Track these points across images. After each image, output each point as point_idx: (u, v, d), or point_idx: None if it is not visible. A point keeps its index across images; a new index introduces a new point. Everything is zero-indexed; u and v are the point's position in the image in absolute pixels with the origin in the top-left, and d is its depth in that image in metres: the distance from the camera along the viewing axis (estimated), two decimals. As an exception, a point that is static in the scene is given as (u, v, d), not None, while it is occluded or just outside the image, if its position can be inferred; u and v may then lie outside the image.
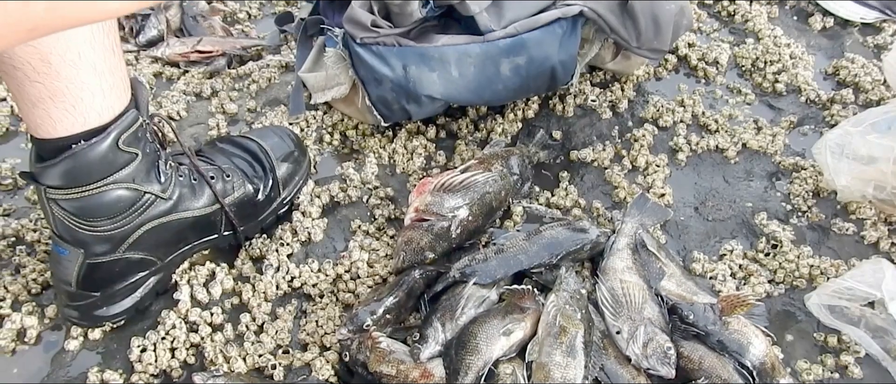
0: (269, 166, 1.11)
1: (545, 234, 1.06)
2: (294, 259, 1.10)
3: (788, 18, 1.57)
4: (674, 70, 1.44)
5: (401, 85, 1.15)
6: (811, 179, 1.22)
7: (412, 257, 1.04)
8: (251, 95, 1.36)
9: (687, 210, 1.19)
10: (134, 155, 0.91)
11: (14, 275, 1.08)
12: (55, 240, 0.94)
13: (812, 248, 1.13)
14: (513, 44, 1.14)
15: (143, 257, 0.99)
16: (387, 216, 1.16)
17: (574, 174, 1.24)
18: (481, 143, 1.28)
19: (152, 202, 0.95)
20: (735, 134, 1.30)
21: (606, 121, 1.32)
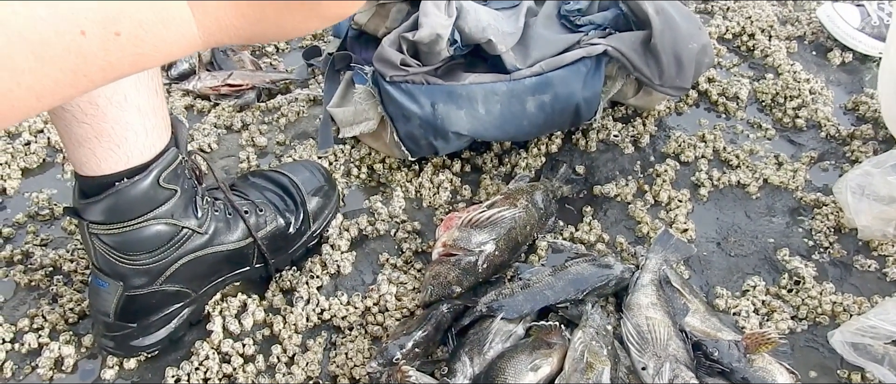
0: (300, 200, 1.14)
1: (571, 270, 1.08)
2: (323, 291, 1.12)
3: (807, 53, 1.59)
4: (694, 105, 1.46)
5: (429, 122, 1.17)
6: (832, 215, 1.23)
7: (440, 291, 1.06)
8: (280, 129, 1.40)
9: (709, 245, 1.21)
10: (173, 191, 0.94)
11: (51, 304, 1.11)
12: (95, 273, 0.97)
13: (834, 285, 1.14)
14: (538, 82, 1.17)
15: (178, 289, 1.01)
16: (414, 249, 1.18)
17: (597, 209, 1.26)
18: (506, 177, 1.30)
19: (189, 236, 0.98)
20: (756, 169, 1.31)
21: (629, 155, 1.34)
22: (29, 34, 0.33)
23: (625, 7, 1.24)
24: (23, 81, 0.34)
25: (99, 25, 0.35)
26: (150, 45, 0.38)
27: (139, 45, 0.37)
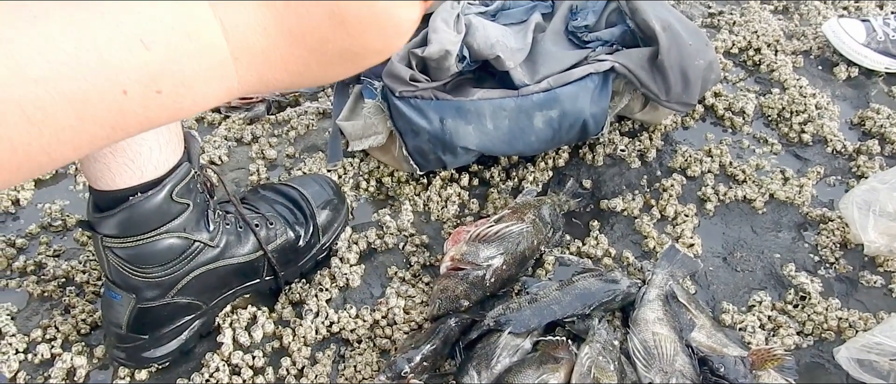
0: (310, 213, 1.15)
1: (578, 285, 1.09)
2: (332, 304, 1.14)
3: (813, 68, 1.59)
4: (701, 119, 1.47)
5: (437, 136, 1.19)
6: (838, 231, 1.24)
7: (448, 305, 1.07)
8: (290, 141, 1.41)
9: (716, 260, 1.21)
10: (186, 205, 0.96)
11: (64, 315, 1.12)
12: (108, 285, 0.99)
13: (840, 301, 1.15)
14: (546, 98, 1.18)
15: (190, 302, 1.03)
16: (422, 263, 1.19)
17: (604, 223, 1.27)
18: (513, 190, 1.31)
19: (201, 249, 1.00)
20: (762, 184, 1.32)
21: (635, 170, 1.35)
22: (73, 94, 0.34)
23: (632, 23, 1.25)
24: (63, 137, 0.35)
25: (141, 85, 0.36)
26: (190, 100, 0.39)
27: (179, 101, 0.38)
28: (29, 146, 0.35)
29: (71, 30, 0.34)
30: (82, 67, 0.34)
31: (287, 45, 0.40)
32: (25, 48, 0.33)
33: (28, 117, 0.34)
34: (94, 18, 0.35)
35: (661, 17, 1.23)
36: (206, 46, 0.38)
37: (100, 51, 0.35)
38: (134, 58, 0.36)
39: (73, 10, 0.34)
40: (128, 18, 0.36)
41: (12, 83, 0.33)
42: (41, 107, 0.34)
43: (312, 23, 0.40)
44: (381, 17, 0.41)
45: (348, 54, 0.42)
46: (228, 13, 0.39)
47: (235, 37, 0.39)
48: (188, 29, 0.38)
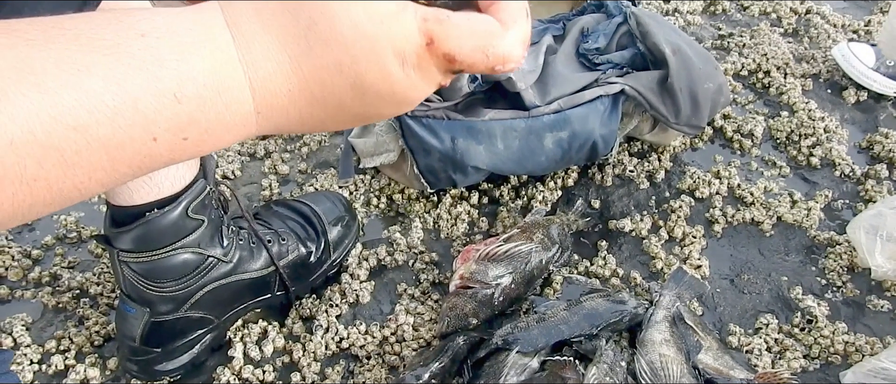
0: (321, 229, 1.17)
1: (586, 305, 1.10)
2: (342, 320, 1.15)
3: (823, 91, 1.60)
4: (709, 141, 1.48)
5: (448, 156, 1.20)
6: (846, 255, 1.25)
7: (456, 323, 1.09)
8: (302, 157, 1.43)
9: (723, 282, 1.22)
10: (201, 221, 0.97)
11: (78, 326, 1.13)
12: (123, 298, 1.00)
13: (847, 324, 1.15)
14: (557, 119, 1.20)
15: (202, 316, 1.04)
16: (431, 280, 1.21)
17: (612, 243, 1.28)
18: (522, 209, 1.33)
19: (215, 265, 1.01)
20: (770, 207, 1.33)
21: (644, 191, 1.36)
22: (108, 141, 0.37)
23: (642, 47, 1.26)
24: (94, 176, 0.38)
25: (170, 133, 0.39)
26: (210, 144, 0.41)
27: (200, 145, 0.41)
28: (63, 184, 0.37)
29: (112, 85, 0.36)
30: (119, 118, 0.37)
31: (307, 106, 0.43)
32: (69, 99, 0.35)
33: (65, 160, 0.36)
34: (133, 74, 0.37)
35: (671, 41, 1.24)
36: (234, 103, 0.41)
37: (136, 103, 0.37)
38: (166, 110, 0.38)
39: (114, 65, 0.37)
40: (165, 74, 0.38)
41: (54, 130, 0.35)
42: (78, 151, 0.36)
43: (335, 91, 0.43)
44: (398, 95, 0.44)
45: (361, 117, 0.46)
46: (258, 74, 0.41)
47: (261, 95, 0.42)
48: (219, 86, 0.40)
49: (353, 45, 0.41)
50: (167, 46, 0.39)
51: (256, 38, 0.41)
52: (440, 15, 0.43)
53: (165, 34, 0.39)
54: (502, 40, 0.44)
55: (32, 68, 0.35)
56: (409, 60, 0.43)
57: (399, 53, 0.42)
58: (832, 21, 1.77)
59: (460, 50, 0.43)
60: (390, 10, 0.41)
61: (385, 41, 0.41)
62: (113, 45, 0.37)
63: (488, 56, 0.44)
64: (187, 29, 0.40)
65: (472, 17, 0.44)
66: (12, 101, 0.34)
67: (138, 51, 0.38)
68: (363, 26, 0.41)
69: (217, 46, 0.40)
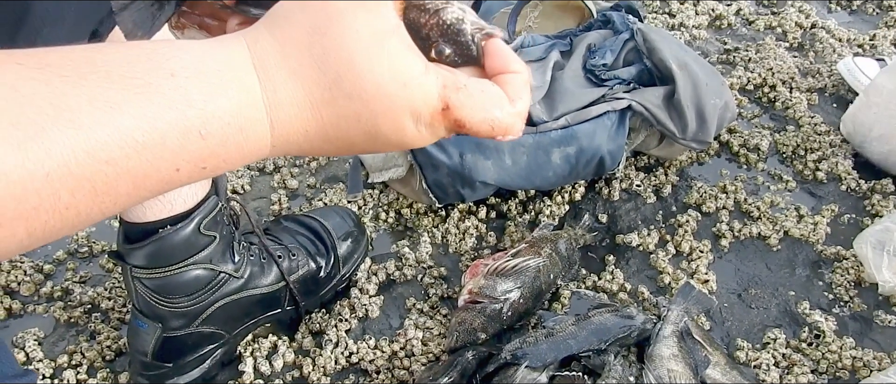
0: (331, 244, 1.18)
1: (594, 320, 1.10)
2: (352, 335, 1.16)
3: (828, 106, 1.61)
4: (716, 155, 1.49)
5: (457, 171, 1.21)
6: (853, 269, 1.25)
7: (465, 338, 1.09)
8: (311, 172, 1.44)
9: (730, 297, 1.23)
10: (213, 238, 0.98)
11: (90, 341, 1.14)
12: (135, 314, 1.01)
13: (855, 339, 1.15)
14: (564, 135, 1.21)
15: (213, 331, 1.05)
16: (440, 295, 1.21)
17: (620, 258, 1.29)
18: (530, 223, 1.33)
19: (226, 280, 1.02)
20: (777, 221, 1.34)
21: (651, 205, 1.37)
22: (135, 172, 0.39)
23: (649, 62, 1.27)
24: (118, 202, 0.40)
25: (191, 164, 0.41)
26: (225, 169, 0.44)
27: (216, 171, 0.44)
28: (91, 210, 0.39)
29: (142, 122, 0.38)
30: (147, 152, 0.39)
31: (320, 143, 0.46)
32: (102, 135, 0.37)
33: (96, 190, 0.38)
34: (162, 113, 0.39)
35: (678, 57, 1.25)
36: (253, 137, 0.43)
37: (163, 139, 0.39)
38: (191, 145, 0.40)
39: (145, 104, 0.38)
40: (192, 113, 0.40)
41: (87, 164, 0.37)
42: (107, 182, 0.38)
43: (349, 135, 0.45)
44: (405, 144, 0.47)
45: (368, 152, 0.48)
46: (279, 116, 0.44)
47: (279, 132, 0.44)
48: (242, 124, 0.42)
49: (374, 101, 0.44)
50: (195, 86, 0.40)
51: (282, 84, 0.43)
52: (459, 82, 0.45)
53: (194, 74, 0.40)
54: (507, 114, 0.47)
55: (68, 105, 0.36)
56: (423, 120, 0.46)
57: (415, 114, 0.45)
58: (837, 35, 1.78)
59: (471, 119, 0.46)
60: (414, 75, 0.44)
61: (405, 102, 0.44)
62: (144, 84, 0.39)
63: (493, 128, 0.47)
64: (216, 70, 0.41)
65: (486, 88, 0.47)
66: (50, 136, 0.36)
67: (168, 90, 0.39)
68: (387, 87, 0.43)
69: (243, 87, 0.42)
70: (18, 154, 0.35)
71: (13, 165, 0.35)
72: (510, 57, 0.48)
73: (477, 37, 0.47)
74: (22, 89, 0.36)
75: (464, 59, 0.48)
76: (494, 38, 0.48)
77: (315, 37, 0.43)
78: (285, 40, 0.43)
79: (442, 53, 0.47)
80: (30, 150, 0.35)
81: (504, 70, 0.48)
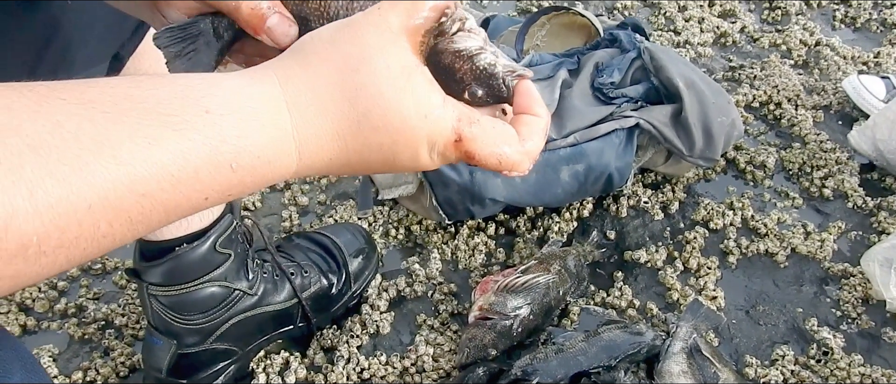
0: (343, 261, 1.19)
1: (604, 336, 1.11)
2: (363, 351, 1.17)
3: (834, 123, 1.62)
4: (722, 172, 1.50)
5: (466, 188, 1.22)
6: (860, 287, 1.26)
7: (476, 354, 1.10)
8: (321, 189, 1.45)
9: (738, 313, 1.23)
10: (227, 255, 1.00)
11: (104, 357, 1.16)
12: (150, 330, 1.02)
13: (863, 356, 1.16)
14: (573, 152, 1.22)
15: (227, 347, 1.06)
16: (450, 311, 1.22)
17: (628, 274, 1.30)
18: (538, 240, 1.35)
19: (240, 298, 1.03)
20: (784, 238, 1.34)
21: (658, 222, 1.38)
22: (168, 203, 0.41)
23: (656, 81, 1.29)
24: (149, 228, 0.42)
25: (219, 193, 0.44)
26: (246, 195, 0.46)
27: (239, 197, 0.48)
28: (124, 237, 0.41)
29: (178, 158, 0.41)
30: (180, 185, 0.41)
31: (340, 167, 0.49)
32: (140, 170, 0.39)
33: (131, 220, 0.40)
34: (197, 149, 0.41)
35: (685, 75, 1.27)
36: (279, 169, 0.46)
37: (197, 173, 0.41)
38: (222, 177, 0.43)
39: (181, 140, 0.41)
40: (225, 149, 0.42)
41: (125, 197, 0.39)
42: (142, 213, 0.40)
43: (368, 162, 0.48)
44: (418, 169, 0.51)
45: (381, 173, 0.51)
46: (307, 148, 0.46)
47: (305, 161, 0.47)
48: (271, 157, 0.45)
49: (397, 133, 0.47)
50: (229, 123, 0.43)
51: (312, 119, 0.46)
52: (473, 117, 0.49)
53: (228, 111, 0.43)
54: (515, 152, 0.50)
55: (110, 141, 0.39)
56: (437, 148, 0.49)
57: (431, 143, 0.48)
58: (842, 53, 1.79)
59: (480, 152, 0.49)
60: (434, 106, 0.47)
61: (423, 133, 0.47)
62: (180, 121, 0.41)
63: (501, 162, 0.50)
64: (249, 107, 0.44)
65: (498, 125, 0.50)
66: (93, 171, 0.38)
67: (203, 127, 0.42)
68: (410, 120, 0.46)
69: (275, 124, 0.45)
70: (64, 188, 0.37)
71: (59, 199, 0.37)
72: (535, 100, 0.51)
73: (508, 79, 0.50)
74: (67, 125, 0.38)
75: (495, 99, 0.51)
76: (525, 80, 0.51)
77: (346, 73, 0.45)
78: (317, 77, 0.45)
79: (475, 95, 0.50)
80: (75, 184, 0.37)
81: (527, 111, 0.51)
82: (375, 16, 0.46)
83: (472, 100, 0.50)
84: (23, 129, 0.37)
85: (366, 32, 0.46)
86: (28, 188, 0.36)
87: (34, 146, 0.36)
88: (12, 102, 0.37)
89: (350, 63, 0.45)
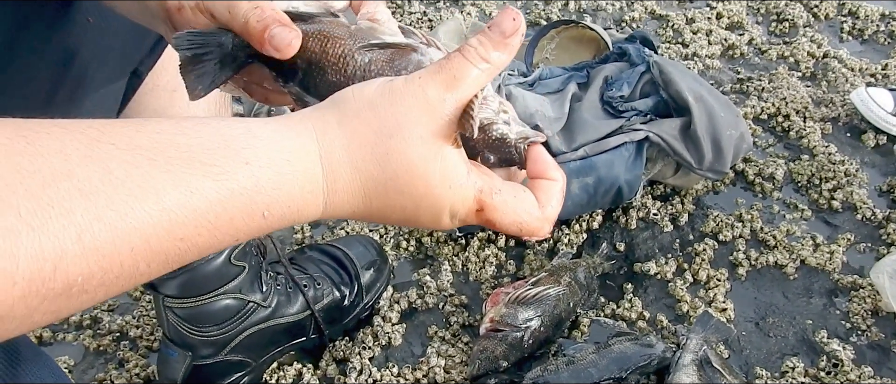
0: (355, 273, 1.20)
1: (614, 348, 1.12)
2: (375, 362, 1.18)
3: (842, 135, 1.63)
4: (731, 184, 1.51)
5: (478, 201, 1.23)
6: (870, 298, 1.26)
7: (487, 365, 1.11)
8: (333, 201, 1.46)
9: (748, 325, 1.24)
10: (242, 268, 1.01)
11: (119, 368, 1.17)
12: (165, 342, 1.04)
13: (873, 368, 1.16)
14: (583, 165, 1.23)
15: (241, 359, 1.07)
16: (462, 323, 1.23)
17: (638, 286, 1.30)
18: (548, 252, 1.35)
19: (254, 310, 1.05)
20: (793, 250, 1.35)
21: (668, 233, 1.39)
22: (203, 245, 0.44)
23: (665, 94, 1.30)
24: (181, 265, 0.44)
25: (248, 235, 0.46)
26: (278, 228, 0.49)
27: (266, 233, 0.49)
28: (158, 275, 0.44)
29: (216, 206, 0.43)
30: (216, 231, 0.44)
31: (360, 218, 0.51)
32: (180, 217, 0.42)
33: (168, 261, 0.43)
34: (235, 198, 0.44)
35: (694, 89, 1.28)
36: (306, 216, 0.48)
37: (232, 220, 0.44)
38: (254, 223, 0.45)
39: (220, 190, 0.43)
40: (260, 199, 0.45)
41: (165, 240, 0.41)
42: (178, 254, 0.43)
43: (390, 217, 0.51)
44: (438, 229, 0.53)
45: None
46: (334, 199, 0.48)
47: (330, 211, 0.49)
48: (301, 207, 0.47)
49: (421, 198, 0.49)
50: (266, 175, 0.45)
51: (341, 174, 0.48)
52: (494, 187, 0.51)
53: (266, 163, 0.45)
54: (535, 219, 0.52)
55: (155, 188, 0.41)
56: (459, 216, 0.51)
57: (453, 211, 0.50)
58: (849, 65, 1.80)
59: (501, 221, 0.51)
60: (459, 176, 0.49)
61: (446, 201, 0.50)
62: (221, 171, 0.43)
63: (521, 229, 0.52)
64: (286, 159, 0.46)
65: (518, 193, 0.51)
66: (137, 217, 0.40)
67: (242, 178, 0.44)
68: (435, 188, 0.49)
69: (308, 176, 0.47)
70: (111, 233, 0.39)
71: (104, 242, 0.39)
72: (549, 164, 0.53)
73: (520, 146, 0.52)
74: (116, 172, 0.40)
75: (507, 164, 0.53)
76: (536, 146, 0.53)
77: (382, 137, 0.47)
78: (352, 136, 0.48)
79: (487, 161, 0.52)
80: (120, 229, 0.39)
81: (542, 176, 0.53)
82: (415, 85, 0.48)
83: (486, 165, 0.52)
84: (75, 174, 0.39)
85: (404, 100, 0.48)
86: (77, 232, 0.38)
87: (85, 191, 0.38)
88: (65, 146, 0.39)
89: (387, 128, 0.47)
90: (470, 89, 0.48)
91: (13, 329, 0.39)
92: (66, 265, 0.38)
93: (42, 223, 0.37)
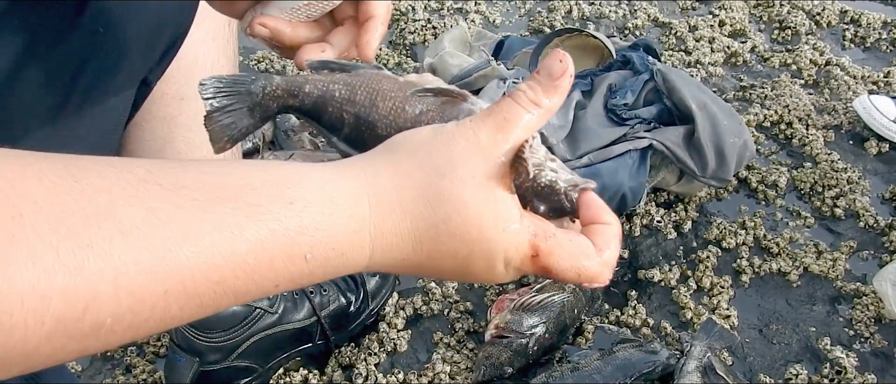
0: (361, 280, 1.21)
1: (619, 355, 1.13)
2: (380, 368, 1.18)
3: (845, 142, 1.64)
4: (734, 191, 1.51)
5: (483, 208, 1.24)
6: (873, 306, 1.27)
7: (492, 372, 1.12)
8: (338, 208, 1.47)
9: (752, 332, 1.25)
10: (249, 274, 1.02)
11: (126, 374, 1.18)
12: (173, 348, 1.05)
13: (876, 376, 1.17)
14: (587, 173, 1.24)
15: (248, 365, 1.08)
16: (467, 329, 1.24)
17: (641, 293, 1.31)
18: (552, 259, 1.36)
19: (261, 316, 1.05)
20: (796, 257, 1.36)
21: (671, 241, 1.39)
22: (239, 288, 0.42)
23: (669, 102, 1.31)
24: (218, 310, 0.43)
25: (289, 281, 0.44)
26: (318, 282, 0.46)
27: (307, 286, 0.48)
28: (190, 318, 0.42)
29: (256, 248, 0.41)
30: (254, 274, 0.42)
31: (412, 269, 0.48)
32: (218, 259, 0.40)
33: (202, 305, 0.41)
34: (276, 239, 0.42)
35: (697, 97, 1.29)
36: (351, 263, 0.46)
37: (271, 262, 0.42)
38: (294, 267, 0.43)
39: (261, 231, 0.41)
40: (303, 240, 0.43)
41: (201, 283, 0.40)
42: (213, 298, 0.41)
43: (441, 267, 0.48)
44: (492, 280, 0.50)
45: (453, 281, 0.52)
46: (381, 243, 0.46)
47: (377, 259, 0.47)
48: (345, 251, 0.45)
49: (474, 243, 0.47)
50: (310, 216, 0.43)
51: (392, 218, 0.46)
52: (549, 232, 0.48)
53: (311, 202, 0.43)
54: (594, 264, 0.49)
55: (196, 231, 0.40)
56: (513, 263, 0.48)
57: (507, 258, 0.48)
58: (852, 72, 1.80)
59: (558, 267, 0.48)
60: (512, 220, 0.47)
61: (500, 247, 0.47)
62: (263, 211, 0.42)
63: (580, 275, 0.49)
64: (331, 199, 0.44)
65: (574, 238, 0.49)
66: (175, 259, 0.39)
67: (284, 218, 0.42)
68: (488, 231, 0.46)
69: (354, 217, 0.45)
70: (147, 276, 0.38)
71: (139, 285, 0.38)
72: (602, 209, 0.51)
73: (570, 193, 0.50)
74: (159, 213, 0.39)
75: (558, 213, 0.50)
76: (588, 192, 0.50)
77: (433, 178, 0.46)
78: (404, 177, 0.46)
79: (537, 210, 0.49)
80: (157, 271, 0.38)
81: (596, 221, 0.50)
82: (466, 128, 0.47)
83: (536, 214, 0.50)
84: (118, 214, 0.38)
85: (456, 142, 0.46)
86: (112, 273, 0.37)
87: (125, 232, 0.37)
88: (112, 185, 0.39)
89: (437, 169, 0.46)
90: (522, 133, 0.47)
91: (38, 365, 0.38)
92: (97, 306, 0.37)
93: (79, 264, 0.36)
